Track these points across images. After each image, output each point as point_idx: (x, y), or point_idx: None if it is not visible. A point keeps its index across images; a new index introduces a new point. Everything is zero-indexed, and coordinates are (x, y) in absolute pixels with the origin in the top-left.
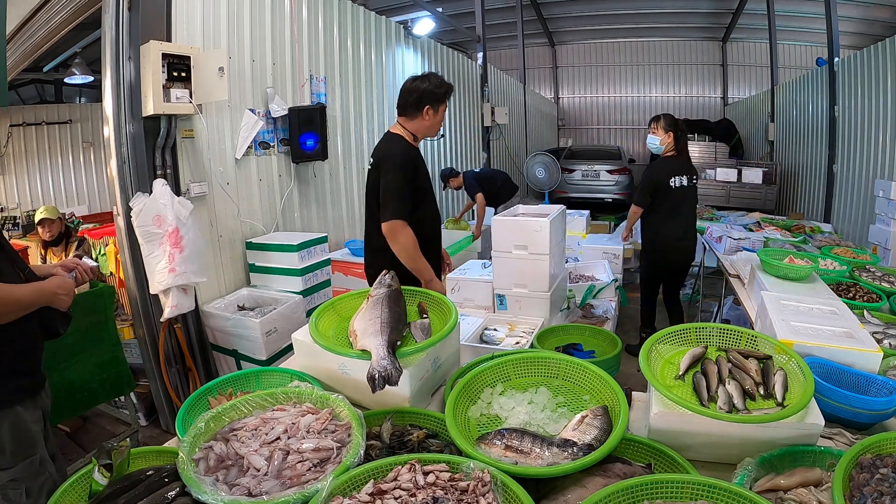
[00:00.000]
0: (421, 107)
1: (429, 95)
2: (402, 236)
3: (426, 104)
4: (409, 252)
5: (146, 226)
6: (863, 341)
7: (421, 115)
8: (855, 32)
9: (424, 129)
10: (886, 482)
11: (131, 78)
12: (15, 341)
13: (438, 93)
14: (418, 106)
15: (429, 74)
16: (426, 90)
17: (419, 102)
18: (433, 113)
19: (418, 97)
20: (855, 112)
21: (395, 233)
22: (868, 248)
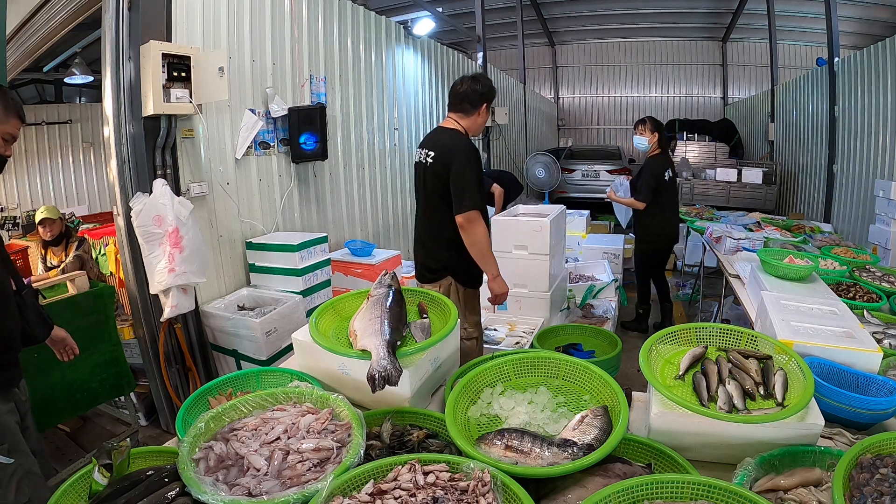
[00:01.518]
0: (479, 105)
1: (487, 94)
2: (479, 227)
3: (485, 102)
4: (481, 244)
5: (146, 226)
6: (863, 341)
7: (478, 112)
8: (855, 32)
9: (476, 127)
10: (886, 482)
11: (131, 78)
12: None
13: (492, 92)
14: (478, 103)
15: (481, 75)
16: (485, 89)
17: (481, 99)
18: (486, 111)
19: (480, 94)
20: (855, 112)
21: (472, 223)
22: (868, 248)
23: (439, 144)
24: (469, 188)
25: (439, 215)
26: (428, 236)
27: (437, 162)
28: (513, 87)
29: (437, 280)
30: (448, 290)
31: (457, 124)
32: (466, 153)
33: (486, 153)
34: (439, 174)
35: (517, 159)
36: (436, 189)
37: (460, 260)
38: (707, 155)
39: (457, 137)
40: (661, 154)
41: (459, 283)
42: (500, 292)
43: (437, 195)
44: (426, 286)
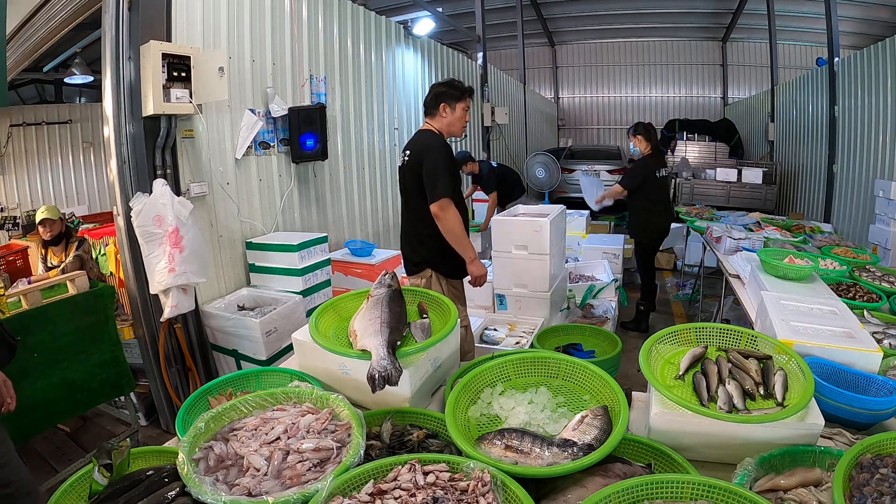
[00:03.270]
0: (437, 104)
1: (443, 94)
2: (451, 213)
3: (441, 102)
4: (455, 230)
5: (146, 226)
6: (863, 341)
7: (438, 112)
8: (855, 32)
9: (447, 126)
10: (886, 482)
11: (131, 78)
12: None
13: (453, 92)
14: (435, 104)
15: (451, 79)
16: (441, 90)
17: (435, 101)
18: (450, 110)
19: (433, 96)
20: (855, 112)
21: (444, 210)
22: (868, 248)
23: (413, 144)
24: (440, 178)
25: (417, 211)
26: (408, 231)
27: (411, 160)
28: (513, 87)
29: (419, 272)
30: (430, 282)
31: (429, 126)
32: (435, 148)
33: (485, 153)
34: (414, 171)
35: (517, 159)
36: (412, 186)
37: (438, 252)
38: (707, 155)
39: (427, 136)
40: (652, 155)
41: (441, 275)
42: (479, 274)
43: (413, 192)
44: (411, 279)
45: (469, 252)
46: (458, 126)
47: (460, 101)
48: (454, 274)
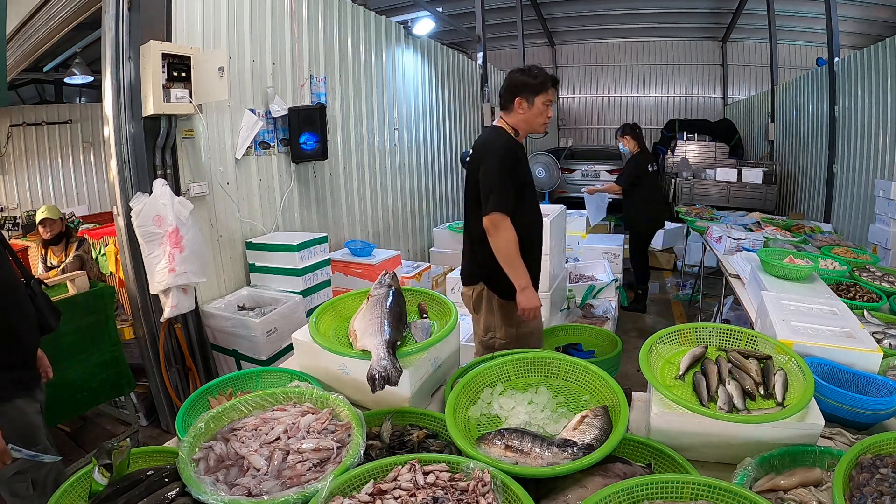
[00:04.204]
0: (513, 98)
1: (521, 86)
2: (503, 231)
3: (517, 95)
4: (506, 251)
5: (146, 226)
6: (863, 341)
7: (514, 107)
8: (855, 32)
9: (522, 123)
10: (886, 482)
11: (131, 78)
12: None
13: (532, 83)
14: (510, 97)
15: (529, 66)
16: (518, 80)
17: (510, 93)
18: (527, 105)
19: (508, 87)
20: (855, 112)
21: (495, 227)
22: (868, 248)
23: (477, 142)
24: (496, 188)
25: (474, 218)
26: (466, 239)
27: (472, 160)
28: None
29: (471, 285)
30: (481, 298)
31: (502, 121)
32: (494, 150)
33: None
34: (473, 173)
35: None
36: (472, 189)
37: (494, 266)
38: (707, 155)
39: (493, 134)
40: (642, 151)
41: (493, 292)
42: (529, 306)
43: (471, 195)
44: (464, 289)
45: (520, 279)
46: (537, 122)
47: (540, 94)
48: (508, 294)
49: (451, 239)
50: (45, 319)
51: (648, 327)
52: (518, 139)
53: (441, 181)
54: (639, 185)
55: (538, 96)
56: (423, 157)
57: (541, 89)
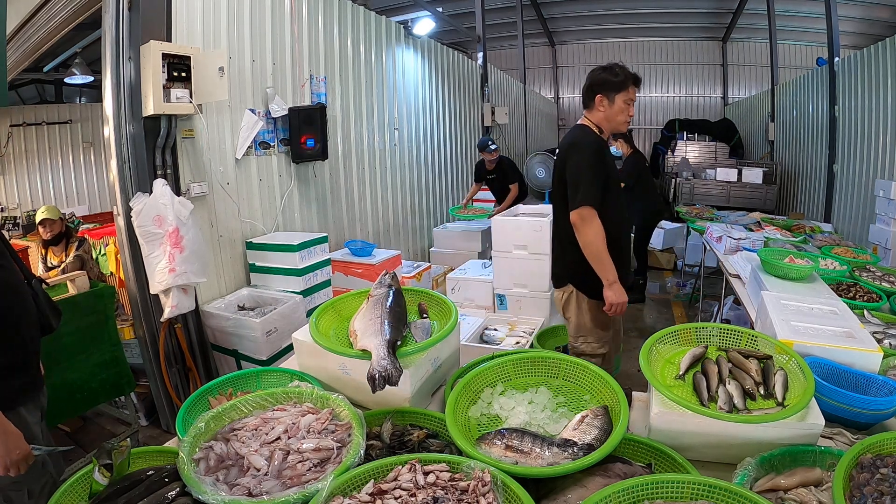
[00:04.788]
0: (593, 96)
1: (602, 84)
2: (591, 225)
3: (598, 93)
4: (594, 245)
5: (146, 226)
6: (863, 341)
7: (595, 105)
8: (855, 32)
9: (604, 121)
10: (887, 482)
11: (131, 78)
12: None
13: (613, 80)
14: (591, 95)
15: (611, 64)
16: (598, 78)
17: (591, 91)
18: (608, 103)
19: (590, 86)
20: (855, 112)
21: (583, 220)
22: (868, 247)
23: (563, 140)
24: (584, 182)
25: (563, 217)
26: (555, 241)
27: (559, 159)
28: (513, 87)
29: (560, 287)
30: (569, 300)
31: (585, 119)
32: (581, 146)
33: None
34: (560, 171)
35: (518, 159)
36: (559, 189)
37: (583, 265)
38: (707, 155)
39: (579, 132)
40: (635, 152)
41: (583, 293)
42: (617, 301)
43: (558, 194)
44: (556, 292)
45: (608, 273)
46: (618, 121)
47: (621, 92)
48: (598, 294)
49: (451, 239)
50: (47, 319)
51: (648, 327)
52: (602, 136)
53: (441, 181)
54: (638, 184)
55: (619, 94)
56: (423, 156)
57: (622, 87)
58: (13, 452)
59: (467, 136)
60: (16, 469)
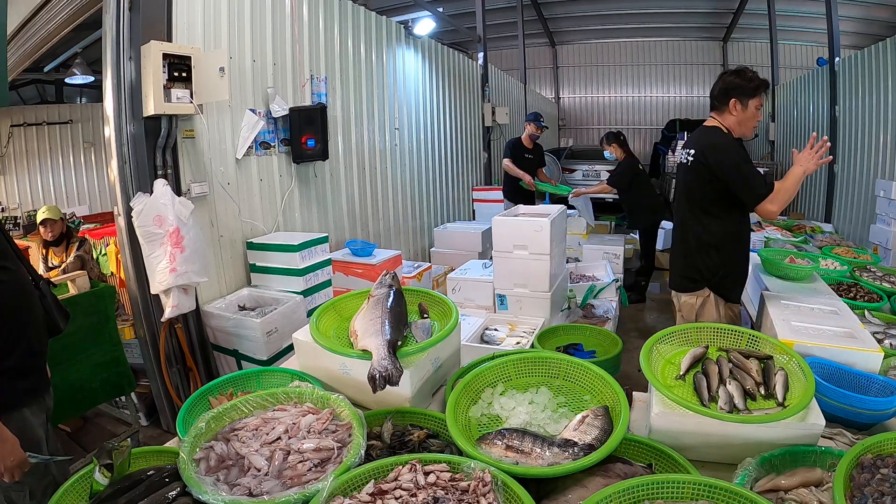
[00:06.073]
0: (727, 99)
1: (736, 88)
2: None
3: (732, 97)
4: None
5: (147, 226)
6: (864, 341)
7: (728, 108)
8: (855, 32)
9: (736, 125)
10: (887, 482)
11: (132, 78)
12: (21, 341)
13: (747, 86)
14: (724, 98)
15: (743, 68)
16: (732, 82)
17: (725, 95)
18: (741, 107)
19: (723, 89)
20: (855, 112)
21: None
22: (869, 248)
23: (698, 142)
24: (752, 177)
25: (699, 219)
26: (685, 242)
27: (696, 160)
28: (513, 87)
29: (694, 290)
30: (705, 304)
31: (716, 122)
32: (729, 147)
33: (486, 153)
34: (700, 173)
35: None
36: (696, 190)
37: (722, 268)
38: None
39: (715, 133)
40: (629, 156)
41: (720, 297)
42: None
43: (696, 196)
44: (683, 297)
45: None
46: (749, 126)
47: (754, 97)
48: (734, 296)
49: (451, 239)
50: (54, 321)
51: (649, 327)
52: None
53: (442, 181)
54: (634, 185)
55: (752, 99)
56: (423, 156)
57: (755, 93)
58: (7, 459)
59: (468, 136)
60: (10, 476)
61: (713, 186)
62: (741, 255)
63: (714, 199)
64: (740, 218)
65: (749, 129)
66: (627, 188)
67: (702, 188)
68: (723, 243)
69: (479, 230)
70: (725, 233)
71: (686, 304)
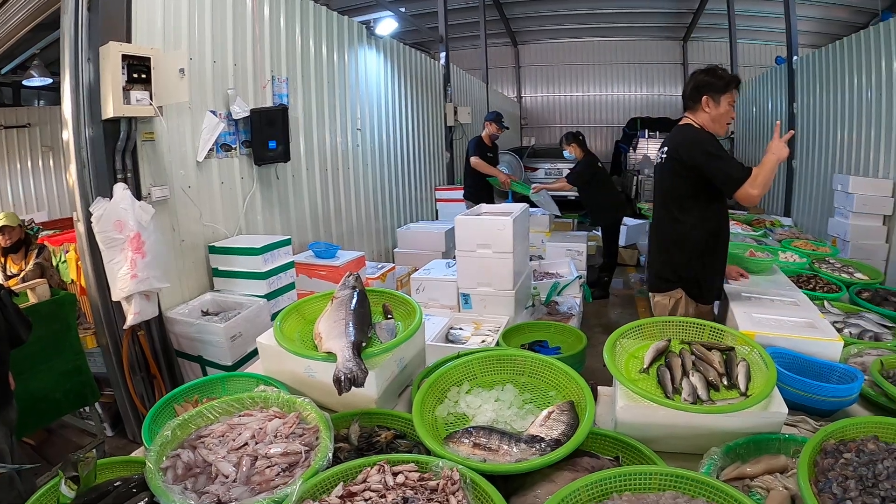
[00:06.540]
0: (699, 97)
1: (707, 86)
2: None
3: (704, 94)
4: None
5: (107, 231)
6: (823, 331)
7: (700, 106)
8: (813, 32)
9: (709, 122)
10: (850, 466)
11: (91, 80)
12: None
13: (718, 83)
14: (697, 97)
15: (713, 67)
16: (704, 80)
17: (697, 93)
18: (713, 104)
19: (695, 87)
20: (813, 109)
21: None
22: (827, 240)
23: (672, 140)
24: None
25: (676, 217)
26: (664, 241)
27: (669, 157)
28: (475, 87)
29: (667, 290)
30: (677, 306)
31: (689, 120)
32: (701, 140)
33: (448, 153)
34: (674, 170)
35: None
36: (673, 187)
37: (697, 269)
38: None
39: (690, 129)
40: (588, 154)
41: (691, 298)
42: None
43: (671, 194)
44: (657, 297)
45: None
46: (722, 123)
47: (725, 94)
48: (705, 298)
49: (415, 239)
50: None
51: (613, 323)
52: None
53: (405, 181)
54: (594, 182)
55: (724, 96)
56: (386, 157)
57: (726, 89)
58: None
59: (430, 136)
60: None
61: (687, 182)
62: (720, 252)
63: (689, 195)
64: (718, 214)
65: (722, 125)
66: (587, 186)
67: (676, 185)
68: (700, 240)
69: (442, 230)
70: (702, 229)
71: (659, 304)
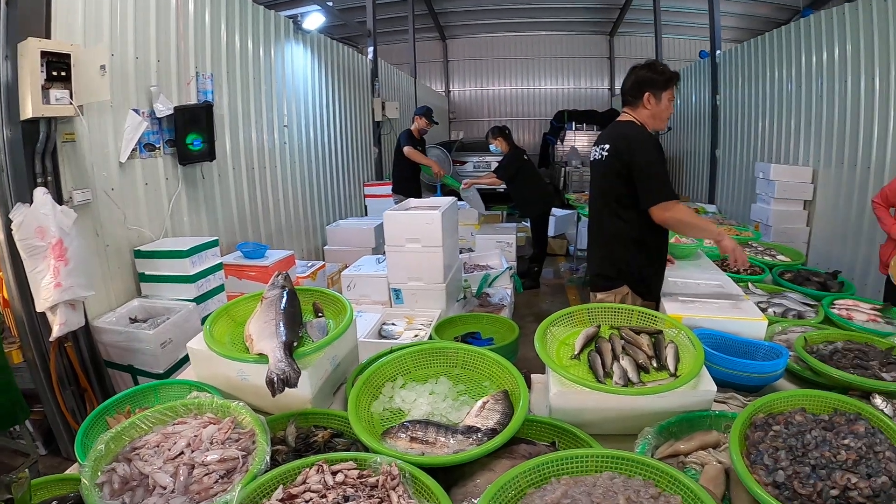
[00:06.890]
0: (640, 94)
1: (649, 82)
2: (678, 211)
3: (646, 90)
4: (688, 221)
5: (28, 239)
6: (748, 311)
7: (642, 102)
8: (736, 27)
9: (649, 118)
10: (780, 438)
11: (8, 79)
12: None
13: (660, 79)
14: (638, 93)
15: (653, 62)
16: (645, 76)
17: (638, 89)
18: (654, 100)
19: (636, 83)
20: (735, 101)
21: (669, 210)
22: (750, 225)
23: (614, 136)
24: (661, 177)
25: (616, 215)
26: (604, 236)
27: (611, 154)
28: (403, 82)
29: (612, 288)
30: (624, 301)
31: (630, 116)
32: (648, 144)
33: (377, 148)
34: (616, 168)
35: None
36: (613, 184)
37: (641, 265)
38: None
39: (633, 128)
40: (514, 148)
41: (637, 295)
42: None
43: (612, 193)
44: (600, 295)
45: (712, 233)
46: (662, 119)
47: (666, 90)
48: (651, 295)
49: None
50: None
51: (544, 312)
52: None
53: (333, 178)
54: (520, 175)
55: (665, 92)
56: (313, 154)
57: (667, 85)
58: None
59: (358, 132)
60: None
61: (630, 181)
62: (663, 248)
63: (632, 192)
64: None
65: (662, 121)
66: (514, 179)
67: (618, 183)
68: (644, 236)
69: (371, 226)
70: (646, 225)
71: (602, 301)
